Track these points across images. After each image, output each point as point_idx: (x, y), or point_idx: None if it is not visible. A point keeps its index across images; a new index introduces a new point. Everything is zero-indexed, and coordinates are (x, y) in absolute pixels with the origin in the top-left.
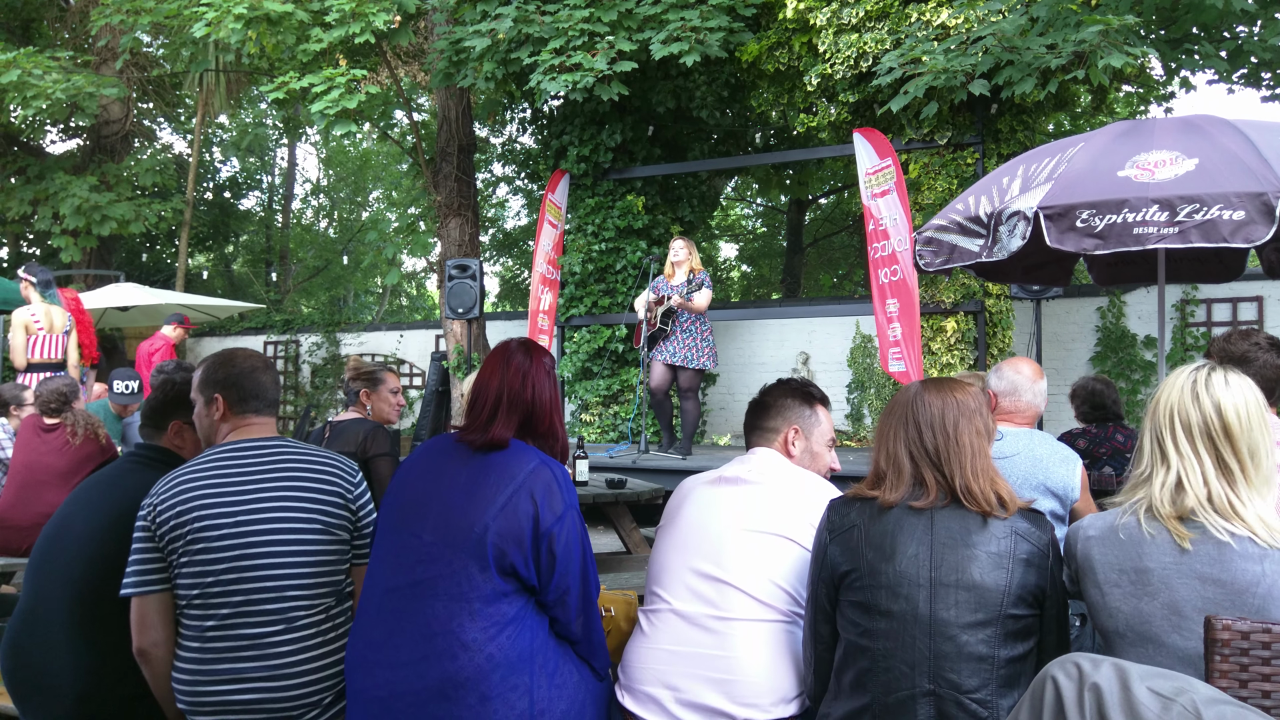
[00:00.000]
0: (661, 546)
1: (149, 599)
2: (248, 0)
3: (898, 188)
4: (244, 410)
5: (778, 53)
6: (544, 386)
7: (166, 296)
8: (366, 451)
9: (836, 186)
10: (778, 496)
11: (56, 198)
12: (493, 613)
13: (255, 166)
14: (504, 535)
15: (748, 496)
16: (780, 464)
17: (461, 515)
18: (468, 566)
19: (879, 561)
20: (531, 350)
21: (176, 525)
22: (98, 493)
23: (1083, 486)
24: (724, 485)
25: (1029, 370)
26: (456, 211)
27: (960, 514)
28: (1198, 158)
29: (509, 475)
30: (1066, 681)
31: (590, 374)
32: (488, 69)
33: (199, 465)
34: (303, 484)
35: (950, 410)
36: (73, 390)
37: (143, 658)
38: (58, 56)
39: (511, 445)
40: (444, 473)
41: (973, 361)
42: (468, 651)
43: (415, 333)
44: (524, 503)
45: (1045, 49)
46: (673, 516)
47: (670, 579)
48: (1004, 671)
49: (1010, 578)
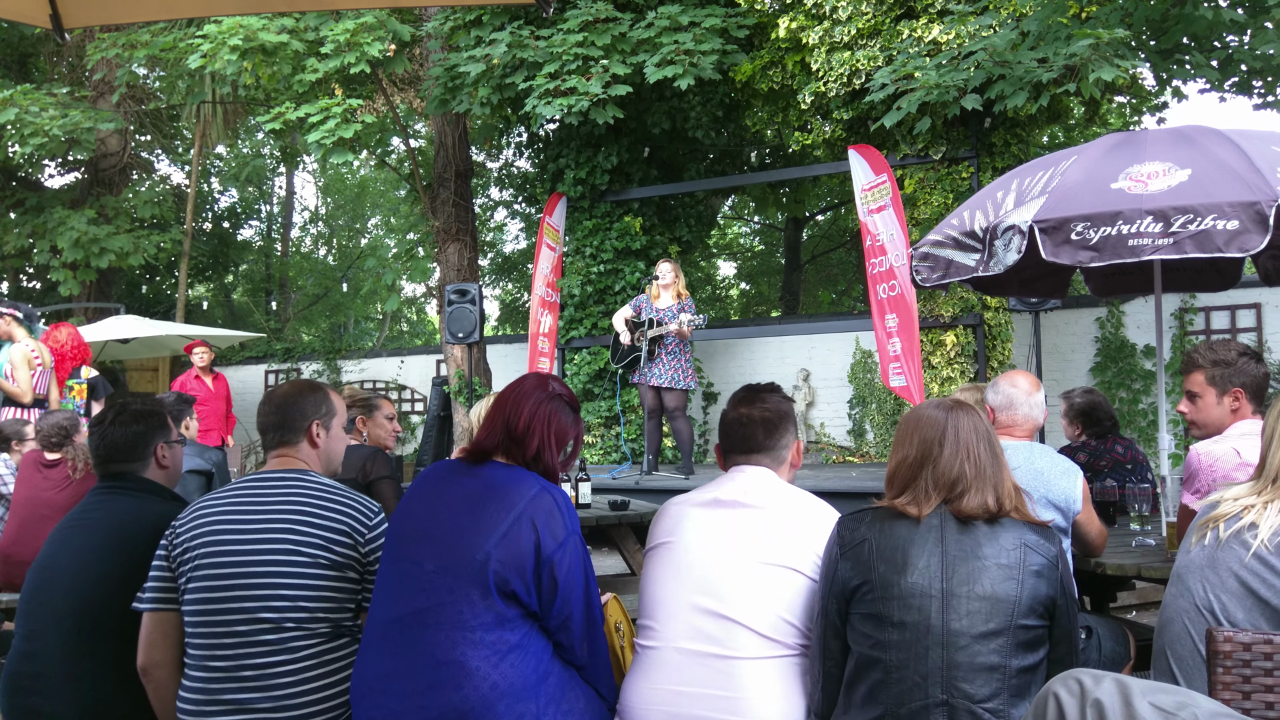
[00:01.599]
0: (654, 575)
1: (157, 617)
2: (243, 32)
3: (894, 203)
4: (275, 443)
5: (771, 72)
6: (530, 409)
7: (167, 328)
8: (368, 475)
9: (833, 203)
10: (783, 524)
11: (55, 231)
12: (495, 640)
13: (253, 196)
14: (506, 563)
15: (750, 525)
16: (777, 485)
17: (462, 543)
18: (470, 594)
19: (891, 574)
20: (543, 379)
21: (187, 549)
22: (76, 529)
23: (1085, 499)
24: (722, 510)
25: (1025, 383)
26: (455, 236)
27: (971, 526)
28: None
29: (510, 503)
30: (1069, 698)
31: (591, 395)
32: (483, 94)
33: (221, 492)
34: (311, 519)
35: (965, 427)
36: (73, 424)
37: (144, 675)
38: (55, 92)
39: (510, 470)
40: (443, 500)
41: (973, 375)
42: (472, 681)
43: (416, 358)
44: (525, 530)
45: (1037, 63)
46: (665, 541)
47: (668, 614)
48: (1015, 681)
49: (1021, 588)
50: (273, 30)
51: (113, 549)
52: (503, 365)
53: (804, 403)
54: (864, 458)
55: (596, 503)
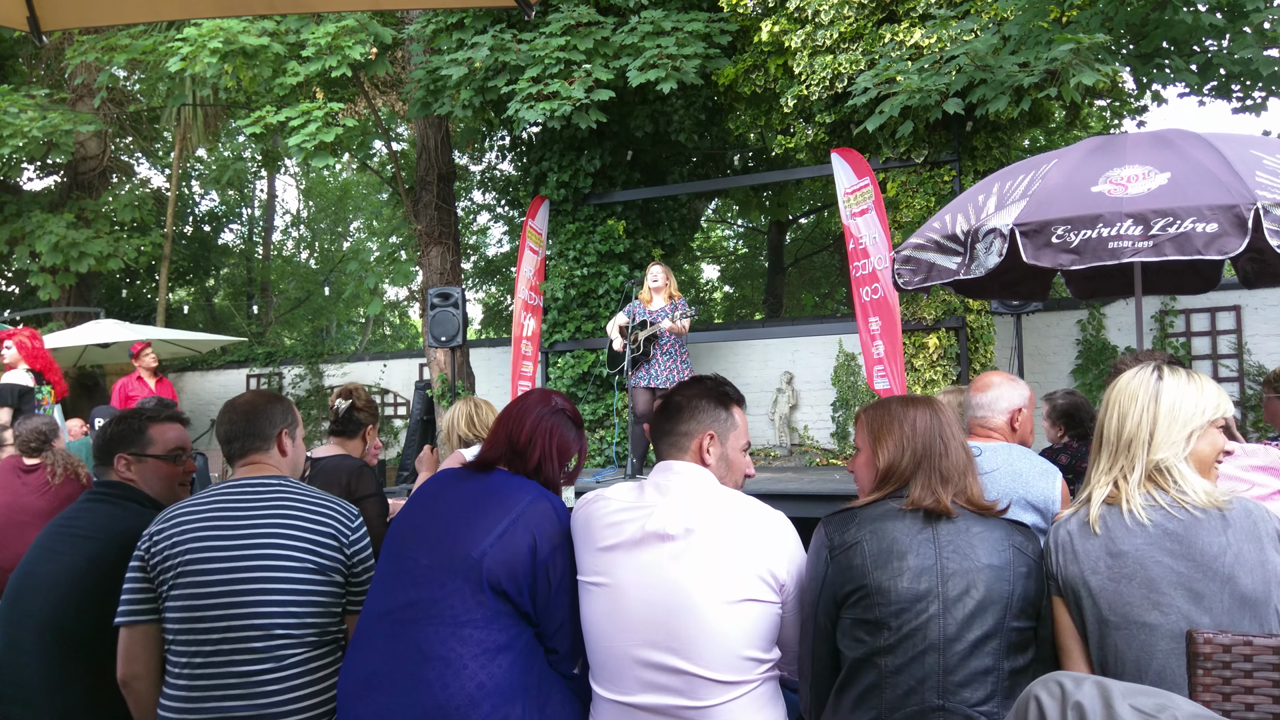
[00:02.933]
0: (595, 618)
1: (135, 630)
2: (223, 35)
3: (876, 206)
4: (244, 450)
5: (754, 76)
6: (532, 423)
7: (147, 332)
8: (353, 494)
9: (816, 206)
10: (730, 551)
11: (33, 235)
12: (485, 639)
13: (235, 200)
14: (501, 563)
15: (690, 561)
16: (708, 492)
17: (459, 540)
18: (462, 590)
19: (886, 579)
20: (547, 394)
21: (168, 558)
22: (60, 536)
23: (1064, 499)
24: (658, 546)
25: (996, 380)
26: (437, 240)
27: (963, 528)
28: (1170, 172)
29: (507, 505)
30: (1050, 700)
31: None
32: (465, 97)
33: (197, 500)
34: (296, 524)
35: (937, 424)
36: (52, 429)
37: (124, 687)
38: (34, 94)
39: (511, 478)
40: (443, 502)
41: (955, 377)
42: (459, 678)
43: (399, 362)
44: (522, 533)
45: (1018, 67)
46: (601, 582)
47: (619, 668)
48: (1008, 683)
49: (1013, 590)
50: (253, 33)
51: (100, 559)
52: (486, 369)
53: (787, 405)
54: (847, 460)
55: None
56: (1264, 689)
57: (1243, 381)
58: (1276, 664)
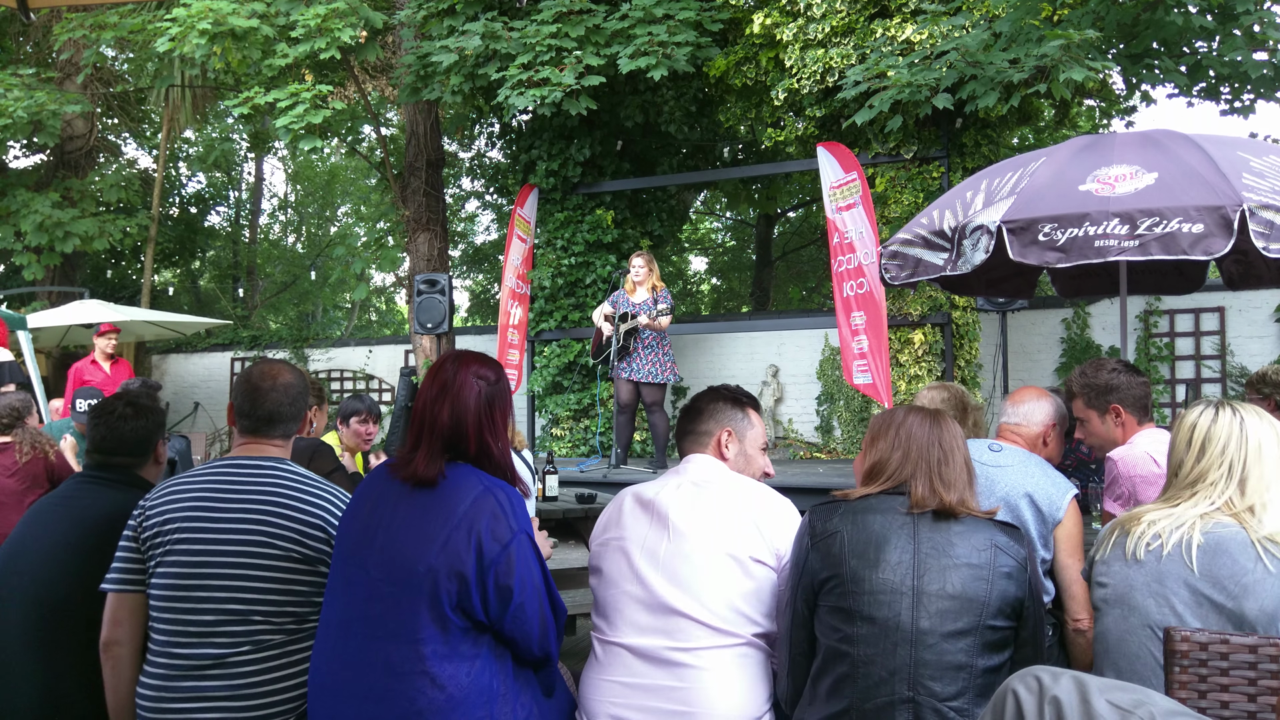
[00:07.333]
0: (601, 570)
1: (123, 597)
2: (212, 15)
3: (863, 201)
4: (264, 430)
5: (745, 68)
6: (466, 404)
7: (132, 313)
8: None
9: (805, 200)
10: (728, 511)
11: (18, 214)
12: (448, 652)
13: (222, 182)
14: (449, 574)
15: (693, 515)
16: (720, 472)
17: (405, 554)
18: (416, 605)
19: (863, 569)
20: (461, 362)
21: (160, 532)
22: (49, 514)
23: (1072, 514)
24: (677, 492)
25: (1033, 394)
26: (425, 226)
27: (944, 525)
28: (1157, 172)
29: (448, 511)
30: (1026, 694)
31: (560, 388)
32: (455, 83)
33: (195, 475)
34: (287, 511)
35: (947, 433)
36: (25, 405)
37: (106, 650)
38: (20, 73)
39: (450, 475)
40: (386, 505)
41: (940, 373)
42: (426, 694)
43: (384, 348)
44: (466, 538)
45: (1008, 64)
46: (610, 537)
47: (615, 610)
48: (981, 681)
49: (991, 589)
50: (242, 14)
51: (94, 541)
52: None
53: (772, 399)
54: (831, 454)
55: (564, 495)
56: (1239, 687)
57: (1225, 383)
58: (1252, 662)
